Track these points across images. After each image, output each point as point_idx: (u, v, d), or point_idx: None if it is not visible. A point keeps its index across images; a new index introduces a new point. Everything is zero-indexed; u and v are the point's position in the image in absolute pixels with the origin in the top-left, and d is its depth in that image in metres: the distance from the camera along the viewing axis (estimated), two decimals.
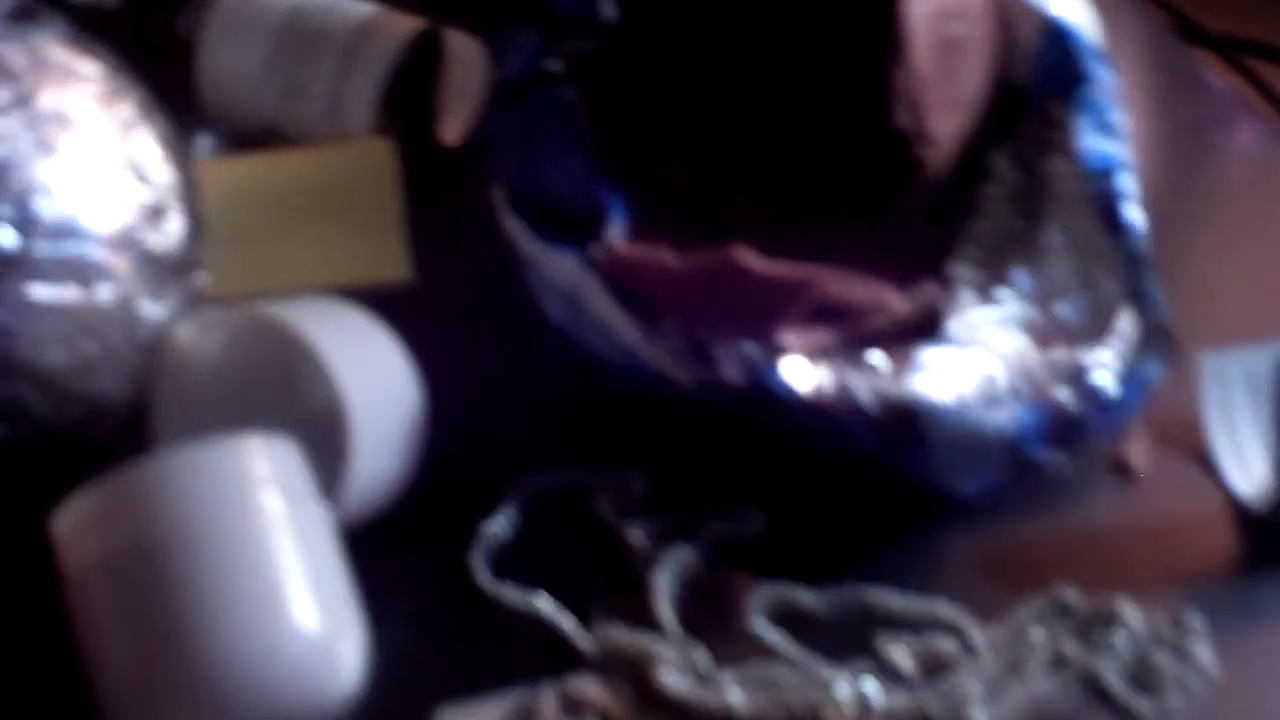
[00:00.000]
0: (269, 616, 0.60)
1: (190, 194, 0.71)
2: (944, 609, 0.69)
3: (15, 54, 0.65)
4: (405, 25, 0.87)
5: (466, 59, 0.88)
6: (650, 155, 0.77)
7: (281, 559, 0.61)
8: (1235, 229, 0.92)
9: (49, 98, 0.66)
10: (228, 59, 0.87)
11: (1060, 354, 0.75)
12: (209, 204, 0.76)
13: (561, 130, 0.74)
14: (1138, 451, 0.76)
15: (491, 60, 0.88)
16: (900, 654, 0.67)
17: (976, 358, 0.75)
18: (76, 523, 0.61)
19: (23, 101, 0.65)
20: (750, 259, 0.72)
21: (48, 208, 0.64)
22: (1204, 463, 0.75)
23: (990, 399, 0.72)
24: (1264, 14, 1.56)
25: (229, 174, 0.79)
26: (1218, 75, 1.09)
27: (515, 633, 0.68)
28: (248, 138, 0.88)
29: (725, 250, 0.72)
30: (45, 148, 0.65)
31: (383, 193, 0.80)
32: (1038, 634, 0.68)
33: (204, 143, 0.88)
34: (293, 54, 0.86)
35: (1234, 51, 1.29)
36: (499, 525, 0.72)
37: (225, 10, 0.87)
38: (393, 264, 0.79)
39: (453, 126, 0.88)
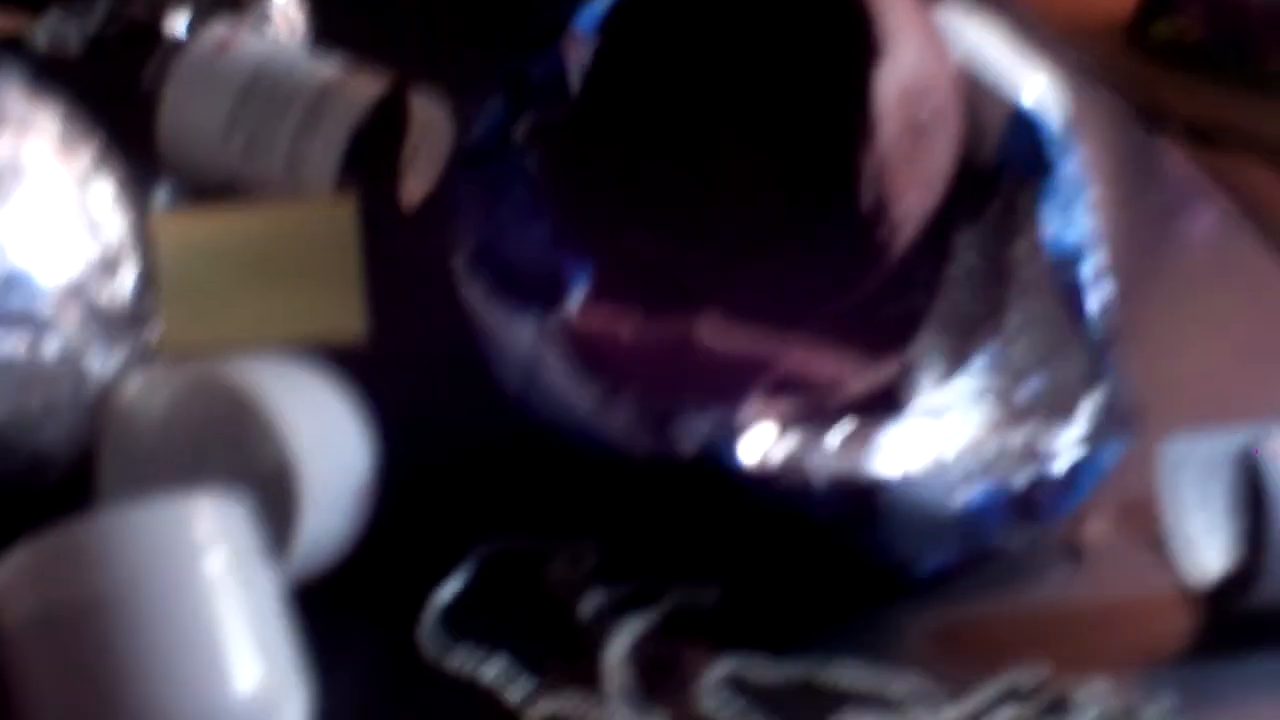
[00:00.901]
0: (210, 679, 0.59)
1: (144, 247, 0.70)
2: (900, 686, 0.68)
3: None
4: (370, 86, 0.86)
5: (430, 121, 0.87)
6: (616, 223, 0.77)
7: (225, 621, 0.59)
8: (1197, 314, 0.93)
9: (5, 148, 0.65)
10: (191, 112, 0.86)
11: (1019, 435, 0.74)
12: (165, 257, 0.75)
13: (525, 197, 0.73)
14: (1094, 533, 0.76)
15: (456, 124, 0.87)
16: None
17: (935, 437, 0.74)
18: (14, 577, 0.60)
19: None
20: (708, 334, 0.71)
21: None
22: (1161, 546, 0.75)
23: (948, 478, 0.72)
24: (1227, 99, 1.57)
25: (186, 227, 0.78)
26: (1181, 160, 1.09)
27: (464, 700, 0.67)
28: (207, 190, 0.87)
29: (686, 326, 0.71)
30: None
31: (341, 251, 0.79)
32: (1000, 717, 0.67)
33: (161, 194, 0.87)
34: (256, 110, 0.85)
35: (1197, 136, 1.30)
36: (450, 590, 0.71)
37: (190, 63, 0.86)
38: (349, 323, 0.78)
39: (414, 188, 0.88)
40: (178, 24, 0.89)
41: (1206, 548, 0.74)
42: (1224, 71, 1.65)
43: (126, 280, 0.68)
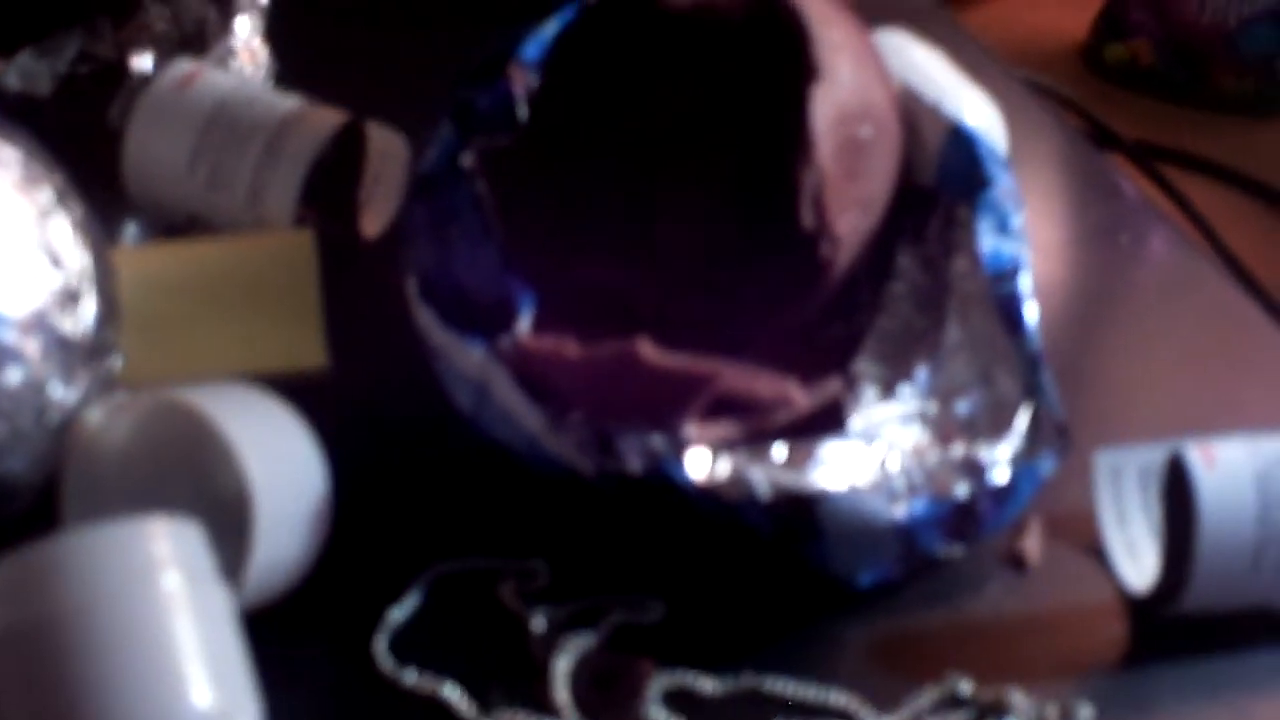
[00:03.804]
0: (165, 692, 0.60)
1: (105, 279, 0.72)
2: (839, 697, 0.70)
3: None
4: (329, 119, 0.88)
5: (389, 153, 0.90)
6: (563, 250, 0.79)
7: (179, 638, 0.61)
8: (1142, 331, 0.94)
9: None
10: (154, 149, 0.88)
11: (958, 449, 0.76)
12: (128, 291, 0.77)
13: (473, 223, 0.75)
14: (1032, 544, 0.78)
15: (412, 155, 0.89)
16: None
17: (876, 452, 0.76)
18: None
19: None
20: (649, 351, 0.73)
21: None
22: (1098, 556, 0.76)
23: (888, 492, 0.74)
24: (1175, 121, 1.60)
25: (148, 261, 0.81)
26: (1130, 181, 1.11)
27: (417, 717, 0.69)
28: (173, 226, 0.89)
29: (625, 343, 0.73)
30: None
31: (301, 282, 0.81)
32: None
33: (130, 231, 0.89)
34: (218, 145, 0.87)
35: (1146, 157, 1.32)
36: (404, 610, 0.73)
37: (153, 101, 0.88)
38: (309, 353, 0.80)
39: (374, 219, 0.90)
40: (144, 62, 0.92)
41: (1140, 556, 0.75)
42: (1174, 93, 1.68)
43: (88, 311, 0.70)
